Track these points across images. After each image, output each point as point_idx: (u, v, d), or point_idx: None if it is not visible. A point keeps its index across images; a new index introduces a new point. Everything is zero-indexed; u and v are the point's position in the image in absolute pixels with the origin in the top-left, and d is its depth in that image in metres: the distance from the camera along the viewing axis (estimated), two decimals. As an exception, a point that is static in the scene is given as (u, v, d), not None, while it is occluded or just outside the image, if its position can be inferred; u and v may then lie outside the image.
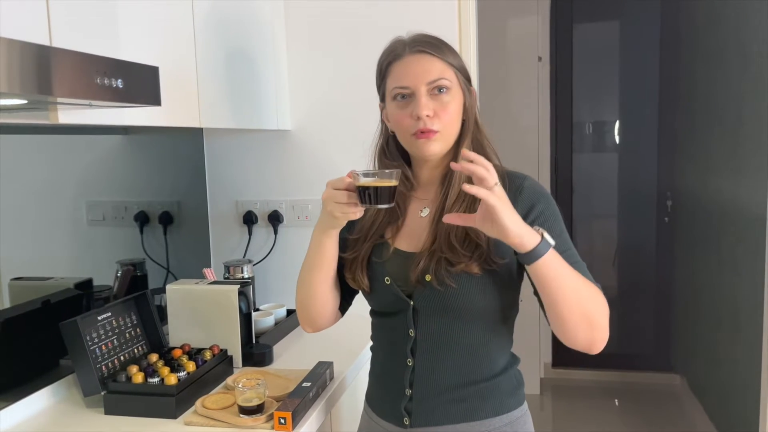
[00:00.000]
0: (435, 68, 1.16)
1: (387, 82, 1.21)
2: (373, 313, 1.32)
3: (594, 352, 1.13)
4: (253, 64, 1.95)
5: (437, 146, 1.17)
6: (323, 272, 1.25)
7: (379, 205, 1.10)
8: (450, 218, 1.08)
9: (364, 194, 1.10)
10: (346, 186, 1.11)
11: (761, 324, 2.29)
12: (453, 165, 1.05)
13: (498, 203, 0.99)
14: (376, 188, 1.09)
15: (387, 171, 1.11)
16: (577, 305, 1.09)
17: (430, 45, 1.18)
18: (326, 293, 1.28)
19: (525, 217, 1.14)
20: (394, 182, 1.11)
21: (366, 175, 1.10)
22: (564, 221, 1.20)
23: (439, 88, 1.16)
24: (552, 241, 1.05)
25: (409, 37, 1.21)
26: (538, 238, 1.03)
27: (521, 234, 1.02)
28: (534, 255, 1.04)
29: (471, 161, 1.02)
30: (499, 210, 0.99)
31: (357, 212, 1.13)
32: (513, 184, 1.18)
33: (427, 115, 1.15)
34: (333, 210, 1.13)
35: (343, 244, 1.28)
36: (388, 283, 1.22)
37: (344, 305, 1.35)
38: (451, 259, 1.14)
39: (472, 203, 1.16)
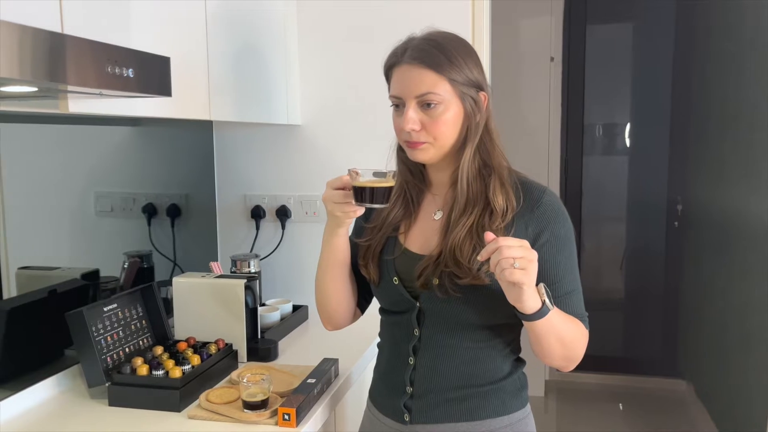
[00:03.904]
0: (425, 82, 1.12)
1: (390, 83, 1.20)
2: (381, 310, 1.32)
3: (564, 371, 1.21)
4: (264, 58, 1.94)
5: (427, 155, 1.17)
6: (336, 271, 1.27)
7: (374, 204, 1.12)
8: (487, 236, 1.04)
9: (360, 194, 1.11)
10: (343, 185, 1.14)
11: (771, 331, 2.27)
12: (480, 256, 1.04)
13: (526, 281, 1.01)
14: (371, 188, 1.10)
15: (383, 171, 1.12)
16: (559, 350, 1.13)
17: (427, 55, 1.13)
18: (341, 291, 1.30)
19: (536, 236, 1.14)
20: (389, 183, 1.12)
21: (363, 174, 1.11)
22: (572, 224, 1.20)
23: (428, 103, 1.13)
24: (551, 307, 1.07)
25: (415, 40, 1.17)
26: (539, 305, 1.05)
27: (528, 303, 1.04)
28: (529, 317, 1.07)
29: (493, 242, 1.01)
30: (525, 289, 1.02)
31: (357, 211, 1.15)
32: (531, 196, 1.17)
33: (414, 129, 1.14)
34: (333, 210, 1.17)
35: (360, 231, 1.30)
36: (396, 283, 1.22)
37: (363, 304, 1.36)
38: (456, 273, 1.13)
39: (481, 214, 1.15)
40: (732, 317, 3.00)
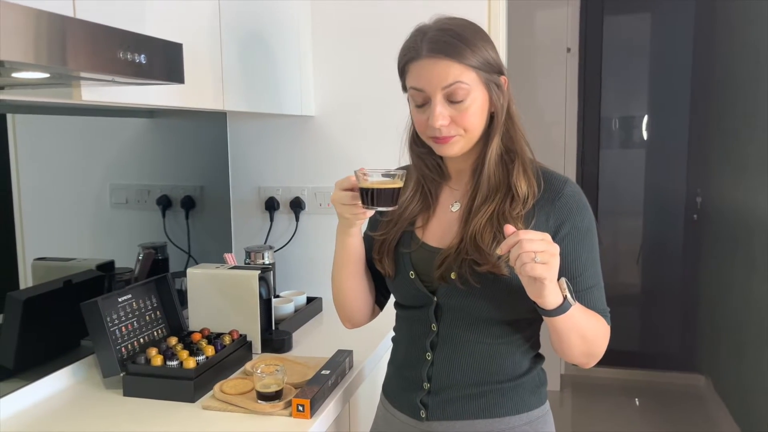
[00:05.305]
0: (451, 73, 1.08)
1: (406, 78, 1.16)
2: (397, 305, 1.30)
3: (584, 368, 1.17)
4: (278, 48, 1.93)
5: (456, 147, 1.14)
6: (350, 269, 1.26)
7: (380, 207, 1.08)
8: (507, 230, 1.01)
9: (367, 196, 1.08)
10: (350, 186, 1.11)
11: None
12: (499, 250, 1.01)
13: (548, 276, 0.98)
14: (378, 190, 1.07)
15: (393, 171, 1.09)
16: (580, 346, 1.11)
17: (447, 46, 1.08)
18: (358, 289, 1.28)
19: (557, 228, 1.12)
20: (396, 184, 1.08)
21: (372, 174, 1.07)
22: None
23: (454, 96, 1.09)
24: (573, 303, 1.04)
25: (429, 31, 1.12)
26: (560, 300, 1.02)
27: (549, 299, 1.01)
28: (550, 313, 1.04)
29: (513, 235, 0.99)
30: (547, 284, 0.99)
31: (366, 213, 1.13)
32: (552, 187, 1.14)
33: (444, 124, 1.10)
34: (342, 212, 1.15)
35: (375, 223, 1.28)
36: (413, 277, 1.20)
37: (381, 300, 1.35)
38: (477, 260, 1.11)
39: (503, 200, 1.13)
40: (751, 312, 2.95)
